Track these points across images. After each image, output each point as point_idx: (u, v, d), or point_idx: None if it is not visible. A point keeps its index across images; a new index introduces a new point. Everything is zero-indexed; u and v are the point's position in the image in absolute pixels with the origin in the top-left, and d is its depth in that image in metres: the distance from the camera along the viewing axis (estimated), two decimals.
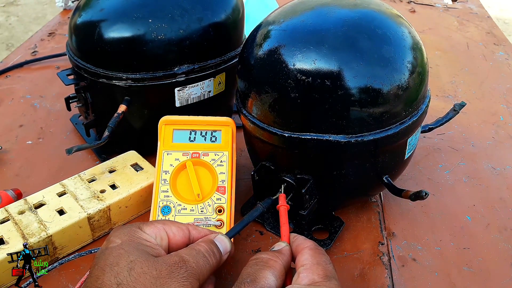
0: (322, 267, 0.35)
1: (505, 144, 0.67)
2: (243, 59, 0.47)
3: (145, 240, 0.36)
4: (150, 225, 0.37)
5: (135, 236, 0.35)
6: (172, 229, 0.38)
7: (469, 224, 0.52)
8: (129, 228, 0.36)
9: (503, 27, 2.80)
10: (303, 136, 0.42)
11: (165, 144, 0.50)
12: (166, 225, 0.38)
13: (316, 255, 0.36)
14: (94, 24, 0.51)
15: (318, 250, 0.37)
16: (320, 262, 0.36)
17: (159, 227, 0.37)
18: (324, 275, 0.34)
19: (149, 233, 0.36)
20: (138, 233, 0.36)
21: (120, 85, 0.52)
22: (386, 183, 0.47)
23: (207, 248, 0.36)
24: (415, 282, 0.45)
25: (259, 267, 0.35)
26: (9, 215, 0.46)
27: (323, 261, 0.36)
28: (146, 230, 0.37)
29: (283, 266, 0.36)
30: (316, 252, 0.37)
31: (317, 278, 0.34)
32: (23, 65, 0.83)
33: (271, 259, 0.36)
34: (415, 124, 0.45)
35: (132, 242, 0.35)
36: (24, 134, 0.66)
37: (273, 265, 0.35)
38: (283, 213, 0.42)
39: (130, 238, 0.35)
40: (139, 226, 0.37)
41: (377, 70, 0.41)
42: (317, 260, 0.36)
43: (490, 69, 0.89)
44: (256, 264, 0.35)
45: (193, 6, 0.53)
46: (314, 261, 0.36)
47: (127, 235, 0.35)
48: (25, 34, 2.60)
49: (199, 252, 0.36)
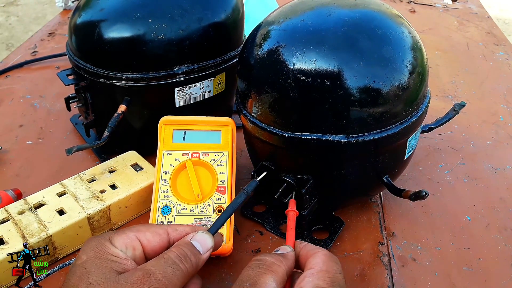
0: (330, 275, 0.33)
1: (505, 144, 0.67)
2: (243, 59, 0.47)
3: (111, 255, 0.34)
4: (121, 234, 0.35)
5: (102, 251, 0.34)
6: (147, 235, 0.36)
7: (469, 224, 0.52)
8: (98, 240, 0.34)
9: (503, 27, 2.80)
10: (303, 136, 0.42)
11: (165, 144, 0.50)
12: (140, 232, 0.36)
13: (328, 261, 0.35)
14: (94, 24, 0.51)
15: (331, 258, 0.35)
16: (329, 269, 0.34)
17: (130, 236, 0.35)
18: (330, 282, 0.33)
19: (118, 245, 0.34)
20: (105, 247, 0.34)
21: (120, 85, 0.52)
22: (386, 183, 0.47)
23: (177, 253, 0.34)
24: (415, 282, 0.45)
25: (261, 270, 0.33)
26: (9, 215, 0.46)
27: (334, 269, 0.34)
28: (115, 242, 0.35)
29: (285, 272, 0.34)
30: (329, 259, 0.35)
31: (322, 283, 0.33)
32: (23, 65, 0.83)
33: (274, 263, 0.34)
34: (415, 124, 0.45)
35: (97, 258, 0.33)
36: (24, 134, 0.66)
37: (276, 270, 0.34)
38: (291, 218, 0.41)
39: (96, 253, 0.33)
40: (109, 238, 0.35)
41: (377, 70, 0.41)
42: (327, 267, 0.34)
43: (490, 69, 0.89)
44: (258, 266, 0.34)
45: (193, 6, 0.53)
46: (324, 267, 0.34)
47: (94, 249, 0.34)
48: (25, 34, 2.60)
49: (168, 260, 0.33)
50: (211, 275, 0.45)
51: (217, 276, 0.45)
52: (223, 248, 0.45)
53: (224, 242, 0.45)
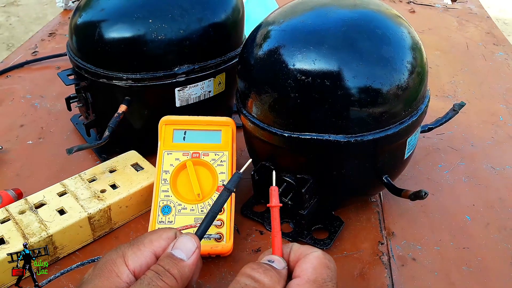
0: (317, 285, 0.31)
1: (505, 144, 0.67)
2: (243, 59, 0.47)
3: (115, 275, 0.31)
4: (137, 252, 0.33)
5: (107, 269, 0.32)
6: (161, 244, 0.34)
7: (469, 224, 0.53)
8: (111, 256, 0.32)
9: (503, 27, 2.80)
10: (303, 136, 0.42)
11: (166, 144, 0.50)
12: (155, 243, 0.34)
13: (319, 268, 0.32)
14: (95, 24, 0.51)
15: (323, 262, 0.32)
16: (318, 279, 0.31)
17: (146, 255, 0.33)
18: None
19: (132, 265, 0.32)
20: (113, 265, 0.32)
21: (121, 85, 0.52)
22: (385, 183, 0.47)
23: (154, 271, 0.31)
24: (415, 282, 0.45)
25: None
26: (9, 215, 0.46)
27: (323, 278, 0.31)
28: (129, 261, 0.32)
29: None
30: (320, 264, 0.32)
31: None
32: (24, 65, 0.84)
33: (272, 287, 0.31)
34: (414, 124, 0.45)
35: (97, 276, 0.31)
36: (25, 134, 0.66)
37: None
38: (275, 214, 0.36)
39: (100, 271, 0.31)
40: (123, 254, 0.33)
41: (377, 70, 0.41)
42: (316, 276, 0.31)
43: (489, 69, 0.89)
44: None
45: (193, 6, 0.53)
46: (312, 276, 0.31)
47: (102, 266, 0.32)
48: (25, 34, 2.60)
49: (144, 281, 0.31)
50: (211, 275, 0.45)
51: (217, 276, 0.45)
52: (223, 247, 0.45)
53: (224, 241, 0.46)
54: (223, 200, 0.37)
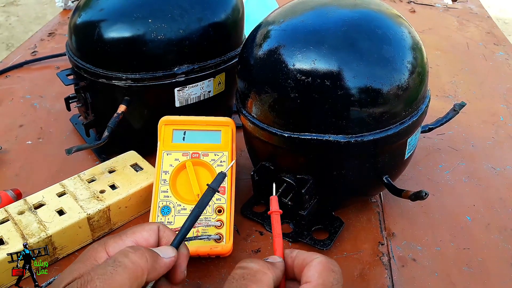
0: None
1: (505, 144, 0.67)
2: (243, 59, 0.47)
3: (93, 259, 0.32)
4: (118, 241, 0.34)
5: (87, 256, 0.33)
6: (144, 235, 0.35)
7: (469, 224, 0.52)
8: (94, 246, 0.33)
9: (503, 27, 2.80)
10: (303, 136, 0.42)
11: (165, 144, 0.50)
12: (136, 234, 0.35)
13: (324, 272, 0.33)
14: (94, 24, 0.51)
15: (327, 266, 0.33)
16: (326, 283, 0.32)
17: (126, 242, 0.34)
18: None
19: (112, 251, 0.33)
20: (95, 252, 0.33)
21: (120, 85, 0.52)
22: (386, 183, 0.47)
23: (123, 250, 0.32)
24: (415, 282, 0.45)
25: (246, 282, 0.31)
26: (8, 215, 0.46)
27: (330, 281, 0.32)
28: (109, 248, 0.33)
29: (272, 281, 0.32)
30: (325, 269, 0.33)
31: None
32: (23, 65, 0.83)
33: (259, 271, 0.32)
34: (415, 124, 0.45)
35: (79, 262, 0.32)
36: (24, 134, 0.66)
37: (261, 279, 0.32)
38: (276, 221, 0.37)
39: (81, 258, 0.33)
40: (104, 243, 0.34)
41: (377, 70, 0.41)
42: (323, 279, 0.32)
43: (490, 69, 0.89)
44: (243, 277, 0.32)
45: (193, 6, 0.53)
46: (320, 280, 0.32)
47: (85, 255, 0.33)
48: (25, 34, 2.60)
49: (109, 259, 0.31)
50: (211, 275, 0.45)
51: (217, 276, 0.45)
52: (223, 248, 0.45)
53: (224, 242, 0.45)
54: (208, 199, 0.38)
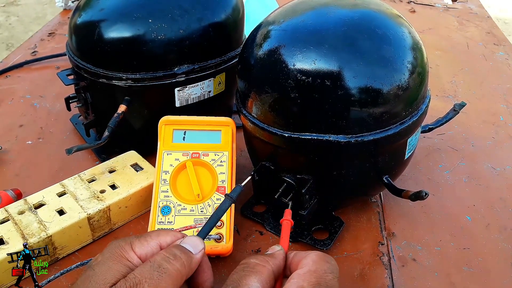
0: (317, 275, 0.32)
1: (505, 144, 0.67)
2: (243, 59, 0.47)
3: (126, 259, 0.33)
4: (143, 242, 0.35)
5: (118, 253, 0.33)
6: (167, 240, 0.36)
7: (469, 224, 0.52)
8: (119, 243, 0.34)
9: (503, 27, 2.80)
10: (303, 136, 0.42)
11: (165, 144, 0.50)
12: (161, 237, 0.35)
13: (319, 261, 0.34)
14: (94, 24, 0.51)
15: (323, 257, 0.34)
16: (318, 269, 0.33)
17: (152, 245, 0.35)
18: (315, 283, 0.32)
19: (138, 251, 0.34)
20: (123, 250, 0.33)
21: (120, 85, 0.52)
22: (386, 183, 0.47)
23: (165, 255, 0.33)
24: (415, 282, 0.45)
25: (245, 273, 0.33)
26: (9, 215, 0.46)
27: (323, 269, 0.33)
28: (136, 248, 0.34)
29: (271, 271, 0.34)
30: (320, 259, 0.34)
31: (306, 285, 0.32)
32: (23, 65, 0.83)
33: (258, 264, 0.34)
34: (415, 124, 0.45)
35: (110, 259, 0.33)
36: (24, 134, 0.66)
37: (259, 270, 0.33)
38: (285, 227, 0.41)
39: (111, 255, 0.33)
40: (130, 242, 0.34)
41: (377, 70, 0.41)
42: (316, 267, 0.33)
43: (490, 69, 0.89)
44: (242, 269, 0.33)
45: (193, 6, 0.53)
46: (313, 267, 0.33)
47: (111, 251, 0.33)
48: (25, 34, 2.60)
49: (154, 263, 0.32)
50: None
51: (217, 276, 0.45)
52: (223, 248, 0.45)
53: (224, 242, 0.45)
54: (227, 206, 0.40)
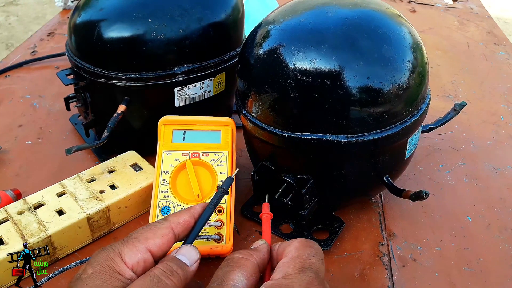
0: (301, 260, 0.33)
1: (506, 144, 0.67)
2: (243, 58, 0.47)
3: (117, 273, 0.32)
4: (132, 249, 0.34)
5: (108, 267, 0.32)
6: (156, 242, 0.35)
7: (470, 224, 0.52)
8: (107, 254, 0.33)
9: (504, 27, 2.80)
10: (303, 136, 0.42)
11: (165, 144, 0.50)
12: (149, 241, 0.35)
13: (301, 247, 0.34)
14: (94, 24, 0.51)
15: (305, 243, 0.35)
16: (301, 255, 0.33)
17: (141, 250, 0.34)
18: (300, 267, 0.32)
19: (129, 261, 0.33)
20: (113, 263, 0.32)
21: (120, 85, 0.52)
22: (386, 183, 0.47)
23: (163, 270, 0.33)
24: (416, 283, 0.45)
25: (229, 268, 0.33)
26: (8, 215, 0.46)
27: (306, 254, 0.34)
28: (126, 258, 0.33)
29: (256, 264, 0.34)
30: (302, 245, 0.34)
31: (291, 271, 0.32)
32: (23, 65, 0.83)
33: (242, 257, 0.34)
34: (415, 124, 0.45)
35: (102, 274, 0.32)
36: (24, 134, 0.65)
37: (243, 264, 0.33)
38: (265, 221, 0.41)
39: (102, 268, 0.32)
40: (119, 252, 0.33)
41: (377, 70, 0.41)
42: (299, 253, 0.34)
43: (490, 69, 0.89)
44: (226, 265, 0.34)
45: (193, 6, 0.53)
46: (296, 254, 0.34)
47: (101, 263, 0.32)
48: (24, 34, 2.60)
49: (154, 278, 0.32)
50: (211, 275, 0.45)
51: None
52: (223, 248, 0.45)
53: (224, 242, 0.45)
54: (218, 198, 0.39)
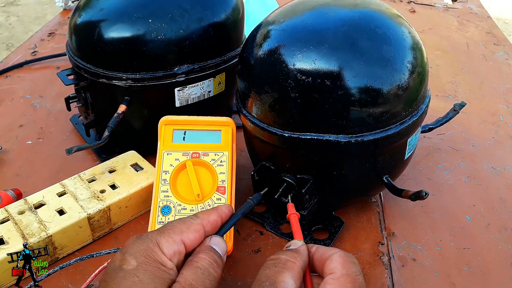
0: (351, 279, 0.33)
1: (505, 144, 0.67)
2: (243, 59, 0.47)
3: (161, 264, 0.33)
4: (169, 239, 0.34)
5: (152, 259, 0.32)
6: (190, 236, 0.35)
7: (469, 224, 0.52)
8: (146, 245, 0.33)
9: (503, 27, 2.80)
10: (303, 136, 0.42)
11: (165, 144, 0.50)
12: (183, 234, 0.35)
13: (346, 264, 0.34)
14: (94, 24, 0.51)
15: (348, 259, 0.35)
16: (350, 272, 0.33)
17: (177, 241, 0.34)
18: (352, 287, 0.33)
19: (167, 253, 0.33)
20: (155, 254, 0.33)
21: (120, 85, 0.52)
22: (386, 183, 0.47)
23: (210, 261, 0.34)
24: (415, 282, 0.45)
25: (278, 269, 0.33)
26: (9, 215, 0.46)
27: (353, 271, 0.34)
28: (164, 248, 0.34)
29: (301, 268, 0.34)
30: (347, 261, 0.34)
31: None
32: (23, 65, 0.83)
33: (289, 260, 0.34)
34: (415, 124, 0.45)
35: (149, 266, 0.32)
36: (24, 134, 0.66)
37: (291, 267, 0.34)
38: (294, 221, 0.41)
39: (146, 260, 0.32)
40: (157, 242, 0.34)
41: (377, 70, 0.41)
42: (347, 270, 0.34)
43: (490, 69, 0.89)
44: (274, 265, 0.34)
45: (193, 6, 0.53)
46: (344, 271, 0.33)
47: (144, 255, 0.32)
48: (25, 34, 2.60)
49: (204, 271, 0.33)
50: None
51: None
52: None
53: None
54: (248, 208, 0.41)
